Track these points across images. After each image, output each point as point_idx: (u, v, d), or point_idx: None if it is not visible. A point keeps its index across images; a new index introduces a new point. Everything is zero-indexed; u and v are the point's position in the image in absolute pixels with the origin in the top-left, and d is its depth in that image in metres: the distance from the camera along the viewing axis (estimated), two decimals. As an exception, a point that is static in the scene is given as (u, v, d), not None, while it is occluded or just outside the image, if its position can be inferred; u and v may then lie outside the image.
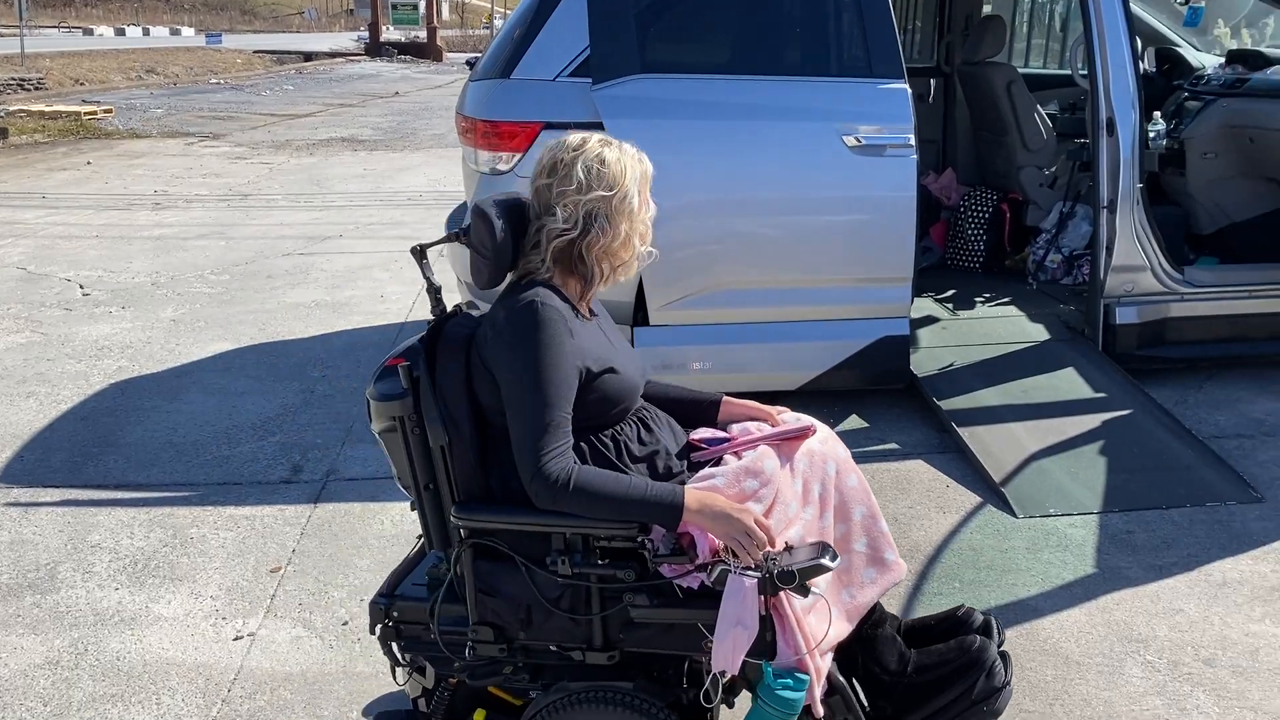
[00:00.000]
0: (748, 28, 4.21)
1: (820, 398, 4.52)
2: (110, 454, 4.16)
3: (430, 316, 2.17)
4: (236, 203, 9.61)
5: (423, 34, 40.13)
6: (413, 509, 2.16)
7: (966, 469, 3.89)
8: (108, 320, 5.94)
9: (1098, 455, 3.86)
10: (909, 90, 4.06)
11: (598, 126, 3.99)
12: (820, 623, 1.98)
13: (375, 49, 37.26)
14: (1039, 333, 4.82)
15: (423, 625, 2.13)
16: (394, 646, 2.17)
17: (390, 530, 3.54)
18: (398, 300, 6.29)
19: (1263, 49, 6.03)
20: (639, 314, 4.19)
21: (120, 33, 51.23)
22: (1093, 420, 4.06)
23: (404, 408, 2.00)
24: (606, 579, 1.97)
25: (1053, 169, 5.78)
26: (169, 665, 2.83)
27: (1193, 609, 2.97)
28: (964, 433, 4.05)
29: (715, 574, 1.90)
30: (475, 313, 2.18)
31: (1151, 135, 4.97)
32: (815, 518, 2.08)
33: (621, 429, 2.07)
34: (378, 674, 2.77)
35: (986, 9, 6.92)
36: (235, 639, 2.95)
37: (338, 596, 3.15)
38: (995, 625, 2.25)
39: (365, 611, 3.02)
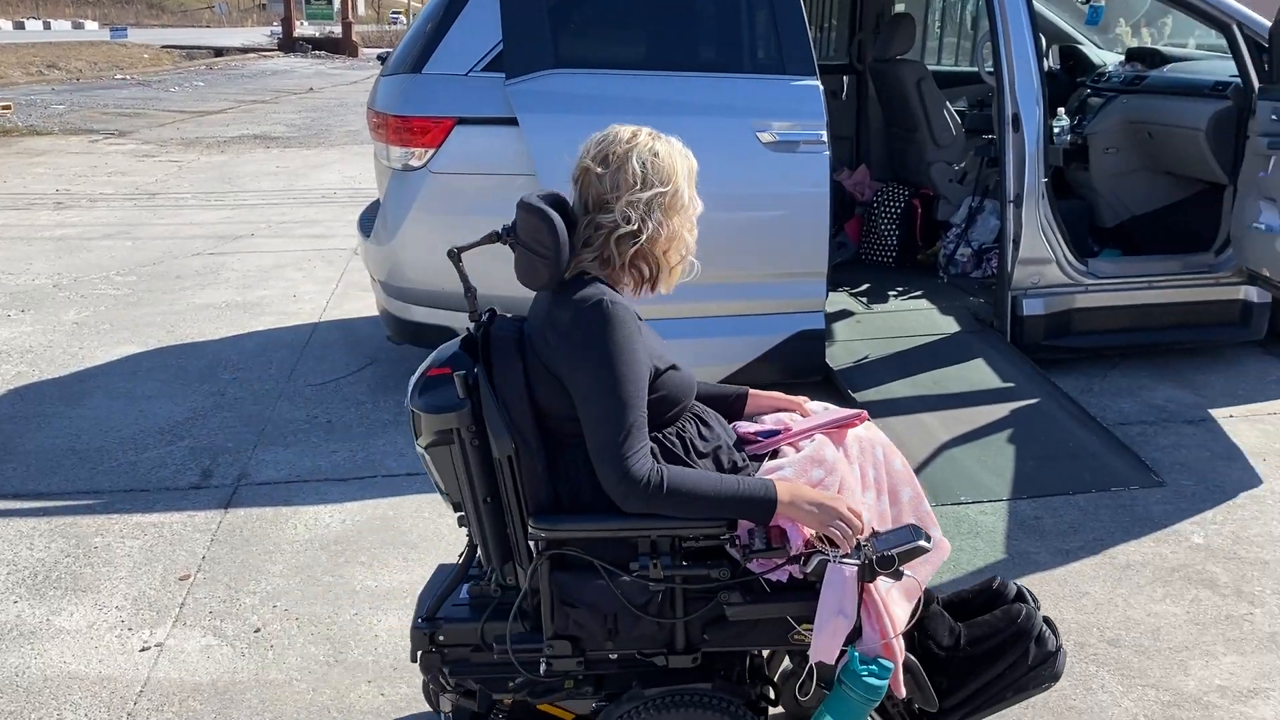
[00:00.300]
0: (662, 24, 4.22)
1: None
2: (8, 462, 4.01)
3: (468, 323, 2.11)
4: (144, 202, 9.33)
5: (338, 29, 39.42)
6: (461, 525, 2.08)
7: (882, 460, 3.94)
8: (6, 324, 5.72)
9: (1007, 443, 3.95)
10: (821, 87, 4.10)
11: (511, 122, 3.97)
12: (900, 606, 1.98)
13: (289, 44, 36.50)
14: (950, 325, 4.91)
15: (469, 647, 2.05)
16: (443, 672, 2.07)
17: (304, 535, 3.47)
18: (311, 300, 6.17)
19: (1160, 47, 6.23)
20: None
21: (19, 26, 49.43)
22: (1002, 409, 4.15)
23: (461, 418, 1.91)
24: (699, 579, 1.93)
25: (962, 165, 5.90)
26: (72, 679, 2.74)
27: (1098, 591, 3.05)
28: (878, 424, 4.09)
29: (813, 565, 1.89)
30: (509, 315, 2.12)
31: (1056, 131, 5.10)
32: (874, 501, 2.08)
33: (685, 426, 2.03)
34: (291, 681, 2.72)
35: (899, 7, 7.04)
36: (142, 650, 2.86)
37: (249, 603, 3.08)
38: (1030, 594, 2.24)
39: (278, 617, 2.97)
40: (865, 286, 5.68)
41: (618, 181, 1.98)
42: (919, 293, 5.51)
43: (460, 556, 2.19)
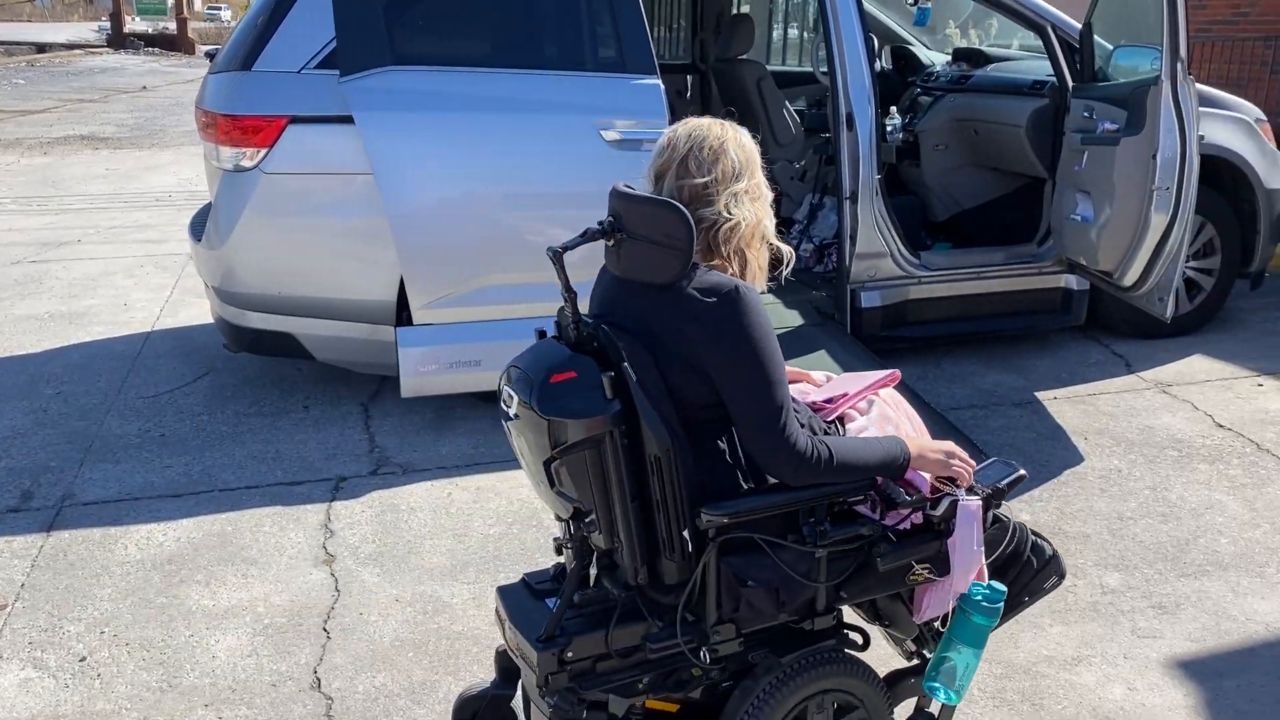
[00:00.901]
0: (501, 22, 4.18)
1: (590, 390, 4.56)
2: None
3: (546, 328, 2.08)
4: (-45, 207, 8.73)
5: (172, 25, 37.71)
6: (565, 538, 2.03)
7: (731, 452, 4.01)
8: None
9: (850, 432, 4.06)
10: (662, 86, 4.14)
11: (347, 120, 3.87)
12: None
13: (119, 41, 34.70)
14: (794, 318, 5.03)
15: (596, 657, 1.99)
16: (574, 690, 1.97)
17: (135, 555, 3.30)
18: (143, 308, 5.88)
19: (984, 48, 6.54)
20: (401, 313, 4.09)
21: None
22: (845, 399, 4.26)
23: (614, 420, 1.86)
24: (856, 538, 2.02)
25: (802, 163, 6.05)
26: None
27: (934, 570, 3.17)
28: (728, 417, 4.17)
29: (943, 507, 2.03)
30: None
31: (888, 129, 5.29)
32: None
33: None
34: (120, 711, 2.58)
35: (744, 8, 7.17)
36: (-48, 687, 2.67)
37: (74, 631, 2.91)
38: (1003, 516, 2.34)
39: (106, 644, 2.82)
40: (714, 282, 5.76)
41: (717, 175, 1.99)
42: (764, 287, 5.61)
43: (556, 569, 2.16)
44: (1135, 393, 4.54)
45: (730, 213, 1.98)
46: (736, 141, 2.03)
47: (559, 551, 2.21)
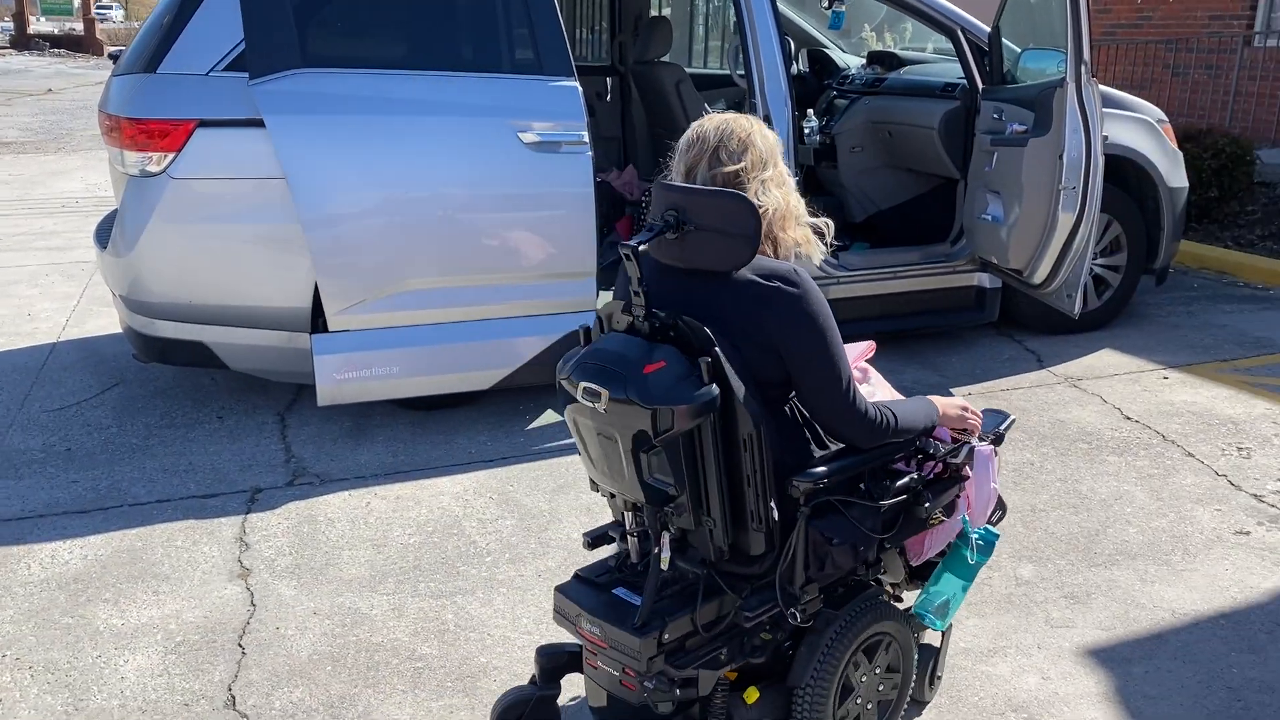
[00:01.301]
0: (415, 23, 4.12)
1: (515, 392, 4.53)
2: None
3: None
4: None
5: (79, 25, 36.59)
6: (632, 525, 2.13)
7: (654, 454, 4.01)
8: None
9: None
10: (579, 88, 4.13)
11: (258, 124, 3.79)
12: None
13: (23, 42, 33.52)
14: (717, 319, 5.05)
15: (685, 636, 2.08)
16: (669, 671, 2.06)
17: (39, 575, 3.18)
18: (49, 318, 5.69)
19: (897, 51, 6.65)
20: (317, 320, 4.02)
21: None
22: (766, 399, 4.30)
23: (712, 405, 1.94)
24: (909, 490, 2.21)
25: (723, 164, 6.07)
26: None
27: (855, 567, 3.21)
28: (651, 419, 4.17)
29: (964, 453, 2.30)
30: None
31: (806, 131, 5.35)
32: None
33: None
34: (23, 736, 2.49)
35: (666, 11, 7.19)
36: None
37: (-27, 655, 2.79)
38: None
39: (8, 668, 2.72)
40: (636, 284, 5.77)
41: (746, 164, 2.12)
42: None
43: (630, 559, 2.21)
44: (1047, 387, 4.65)
45: (759, 199, 2.09)
46: (760, 132, 2.17)
47: (592, 546, 2.32)
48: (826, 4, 5.92)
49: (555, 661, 2.33)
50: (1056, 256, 4.29)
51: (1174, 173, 5.39)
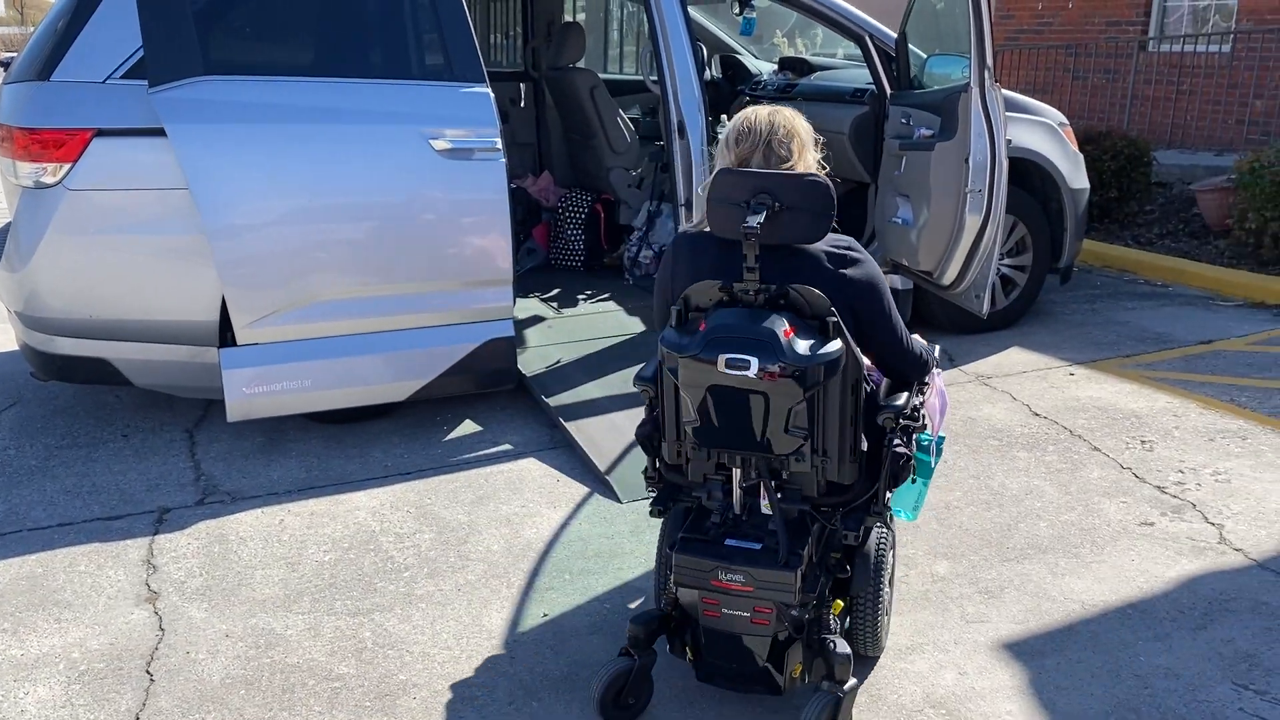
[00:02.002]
0: (322, 29, 4.05)
1: (432, 403, 4.47)
2: None
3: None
4: None
5: (-30, 30, 35.21)
6: (742, 478, 2.41)
7: (575, 462, 4.00)
8: None
9: (691, 436, 4.12)
10: (491, 94, 4.09)
11: (159, 132, 3.68)
12: None
13: (-91, 47, 32.19)
14: (636, 325, 5.06)
15: (808, 564, 2.39)
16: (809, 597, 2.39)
17: (-69, 605, 3.04)
18: (-60, 336, 5.45)
19: (808, 57, 6.74)
20: (225, 334, 3.91)
21: None
22: (686, 404, 4.31)
23: (841, 359, 2.28)
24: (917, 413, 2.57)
25: (639, 170, 6.10)
26: None
27: (775, 569, 3.24)
28: (571, 427, 4.16)
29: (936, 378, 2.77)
30: None
31: (720, 137, 5.37)
32: None
33: None
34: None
35: (580, 17, 7.18)
36: None
37: None
38: None
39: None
40: (555, 291, 5.76)
41: (794, 149, 2.44)
42: (607, 295, 5.65)
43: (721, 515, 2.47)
44: (958, 385, 4.75)
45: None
46: (801, 122, 2.52)
47: (694, 516, 2.54)
48: (738, 10, 5.98)
49: (649, 628, 2.50)
50: (964, 258, 4.39)
51: (1076, 174, 5.55)
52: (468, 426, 4.34)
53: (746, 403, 2.29)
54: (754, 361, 2.20)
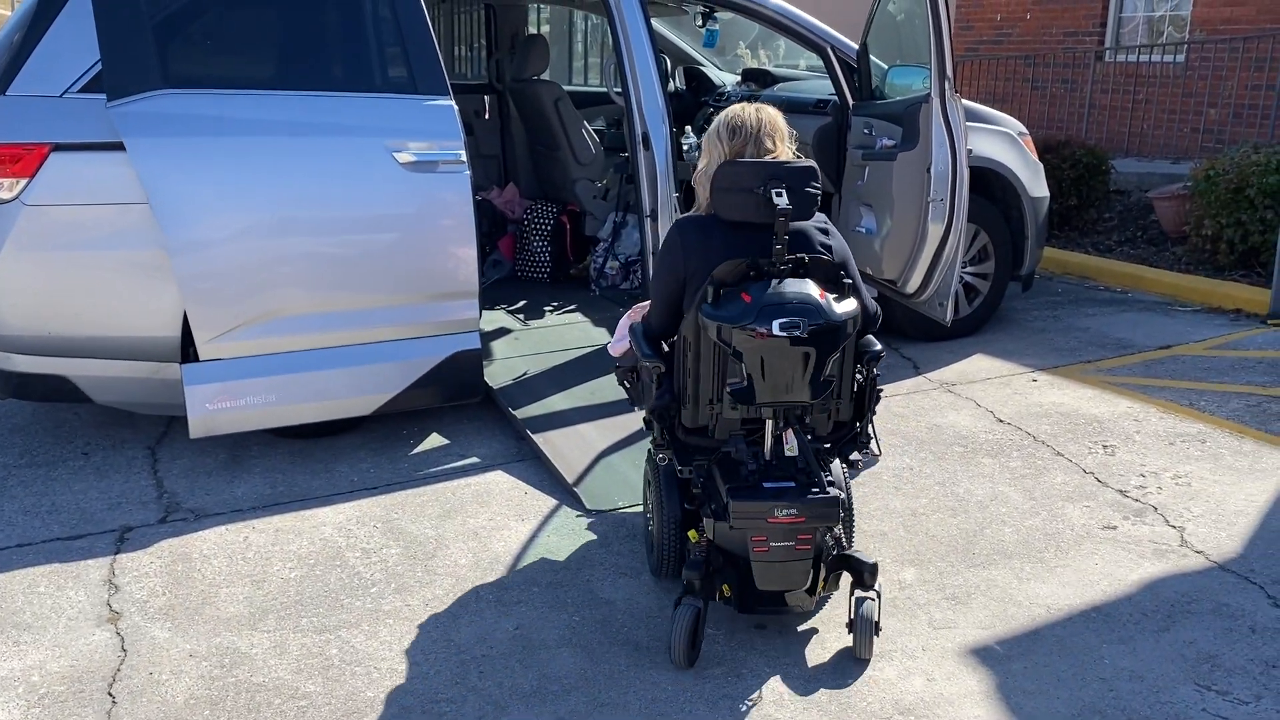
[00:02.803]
0: (283, 42, 4.03)
1: (398, 417, 4.45)
2: None
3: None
4: None
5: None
6: (779, 425, 2.81)
7: (544, 474, 3.99)
8: None
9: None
10: (455, 106, 4.09)
11: (118, 147, 3.65)
12: None
13: None
14: (603, 336, 5.06)
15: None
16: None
17: (-115, 630, 2.97)
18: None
19: (771, 68, 6.78)
20: (187, 349, 3.87)
21: None
22: (653, 414, 4.32)
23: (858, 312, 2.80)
24: None
25: (604, 182, 6.11)
26: None
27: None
28: (539, 439, 4.15)
29: None
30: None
31: (685, 148, 5.41)
32: None
33: None
34: None
35: (545, 29, 7.19)
36: None
37: None
38: None
39: None
40: (522, 303, 5.75)
41: (777, 140, 2.87)
42: (573, 306, 5.64)
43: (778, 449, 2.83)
44: (923, 393, 4.79)
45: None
46: (779, 116, 2.91)
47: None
48: (701, 23, 6.02)
49: (702, 573, 2.82)
50: (928, 266, 4.43)
51: (1035, 183, 5.63)
52: (434, 440, 4.32)
53: (796, 359, 2.68)
54: (803, 322, 2.62)
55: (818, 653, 2.87)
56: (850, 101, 5.05)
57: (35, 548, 3.46)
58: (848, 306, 2.73)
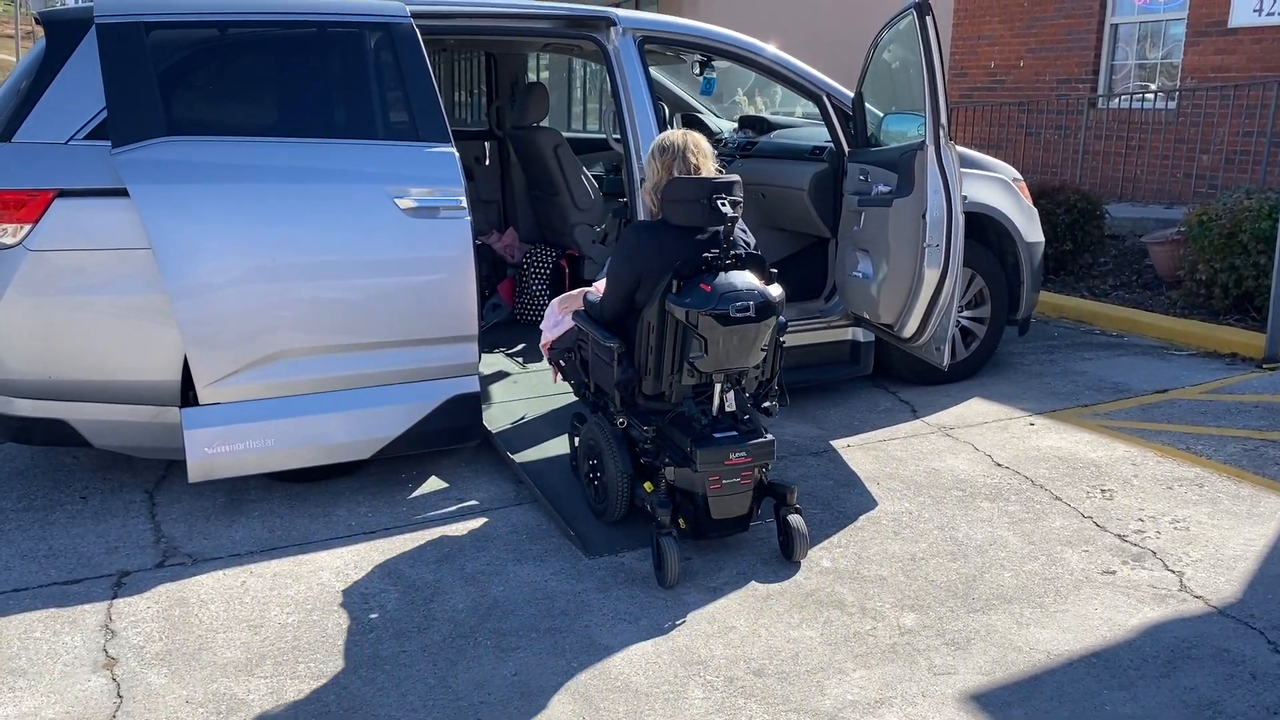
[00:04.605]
0: (287, 90, 4.08)
1: (397, 460, 4.45)
2: None
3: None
4: None
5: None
6: (723, 388, 3.53)
7: (542, 518, 3.99)
8: None
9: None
10: (456, 154, 4.13)
11: (121, 192, 3.69)
12: None
13: None
14: (601, 380, 5.06)
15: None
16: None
17: (-121, 676, 2.95)
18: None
19: (768, 115, 6.86)
20: (186, 393, 3.88)
21: None
22: (652, 458, 4.32)
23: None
24: None
25: (603, 226, 6.16)
26: None
27: (743, 624, 3.23)
28: (536, 483, 4.15)
29: None
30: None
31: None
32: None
33: None
34: None
35: (545, 76, 7.28)
36: None
37: None
38: None
39: None
40: (520, 346, 5.77)
41: (700, 159, 3.56)
42: None
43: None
44: (921, 437, 4.80)
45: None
46: (702, 139, 3.61)
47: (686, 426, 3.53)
48: (698, 71, 6.09)
49: (671, 510, 3.53)
50: (924, 311, 4.45)
51: (1030, 228, 5.67)
52: (433, 483, 4.31)
53: (746, 334, 3.36)
54: (752, 305, 3.31)
55: (817, 699, 2.85)
56: (846, 148, 5.10)
57: (32, 592, 3.45)
58: (778, 290, 3.42)
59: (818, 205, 5.26)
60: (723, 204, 3.38)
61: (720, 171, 3.57)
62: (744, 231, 3.61)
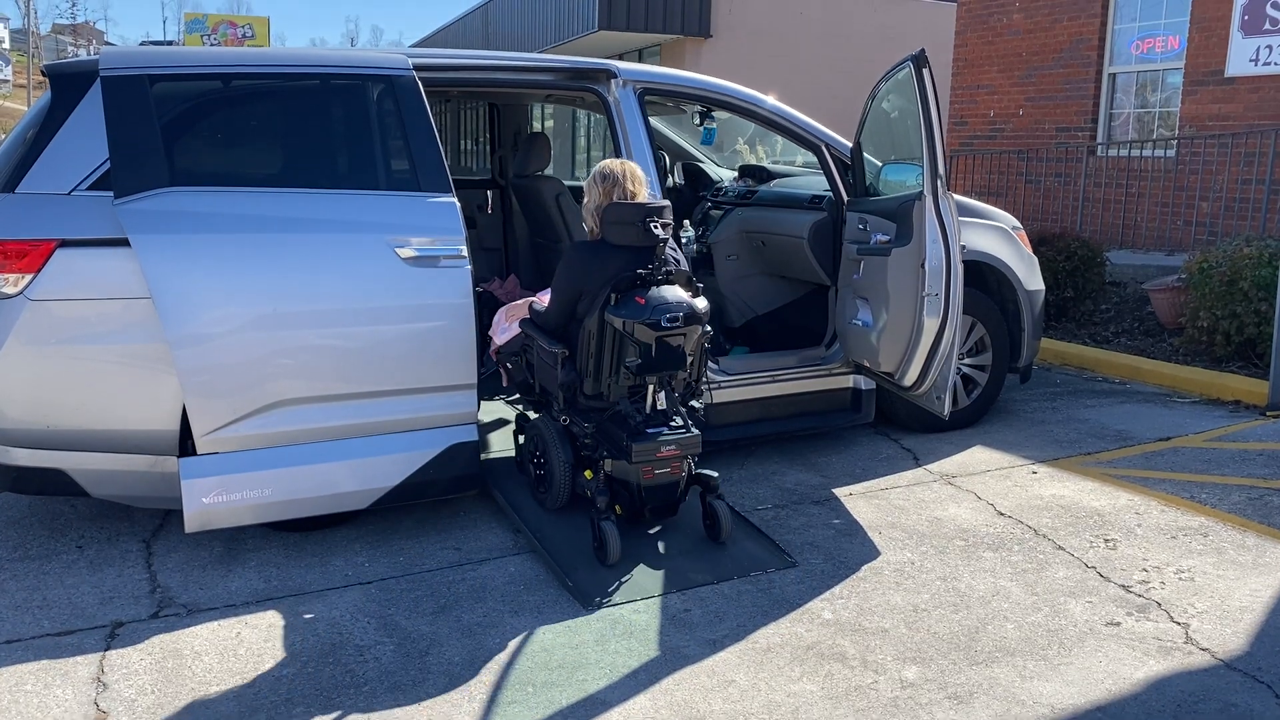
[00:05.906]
0: (289, 141, 4.12)
1: (395, 510, 4.42)
2: None
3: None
4: None
5: (-60, 138, 35.42)
6: (659, 388, 3.98)
7: (540, 569, 3.95)
8: None
9: (656, 539, 4.09)
10: (457, 204, 4.16)
11: (123, 243, 3.71)
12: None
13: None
14: (601, 428, 5.05)
15: None
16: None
17: None
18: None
19: (768, 164, 6.91)
20: (185, 442, 3.88)
21: None
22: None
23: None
24: None
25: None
26: None
27: (743, 678, 3.19)
28: (534, 533, 4.12)
29: None
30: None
31: (683, 241, 5.49)
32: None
33: None
34: None
35: (548, 124, 7.35)
36: None
37: None
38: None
39: None
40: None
41: (636, 187, 4.00)
42: None
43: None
44: (923, 485, 4.77)
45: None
46: (637, 169, 4.07)
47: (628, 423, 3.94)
48: (699, 121, 6.15)
49: (611, 498, 3.99)
50: (924, 359, 4.45)
51: (1030, 276, 5.68)
52: (430, 533, 4.29)
53: (677, 341, 3.81)
54: (681, 316, 3.77)
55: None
56: (844, 198, 5.13)
57: (24, 644, 3.41)
58: (703, 302, 3.88)
59: (817, 253, 5.28)
60: (655, 226, 3.85)
61: (653, 197, 4.06)
62: (674, 250, 4.03)
